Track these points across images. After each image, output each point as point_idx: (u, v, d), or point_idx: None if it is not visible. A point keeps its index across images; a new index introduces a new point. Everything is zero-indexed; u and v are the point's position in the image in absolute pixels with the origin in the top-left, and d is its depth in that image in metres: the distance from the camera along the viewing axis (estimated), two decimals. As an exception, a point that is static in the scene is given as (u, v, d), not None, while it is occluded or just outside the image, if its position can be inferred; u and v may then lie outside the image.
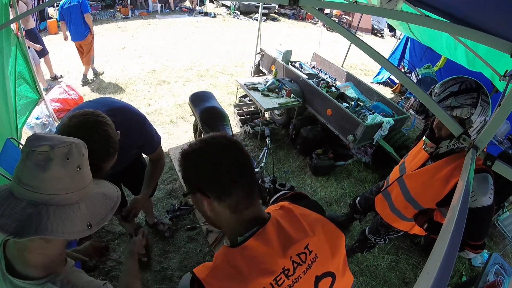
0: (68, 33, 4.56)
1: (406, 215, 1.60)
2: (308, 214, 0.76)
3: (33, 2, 6.76)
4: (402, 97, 5.78)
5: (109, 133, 0.96)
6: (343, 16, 11.81)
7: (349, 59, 7.03)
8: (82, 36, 4.46)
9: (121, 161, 1.52)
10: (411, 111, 1.67)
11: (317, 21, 11.78)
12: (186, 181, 0.73)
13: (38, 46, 4.10)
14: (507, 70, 1.55)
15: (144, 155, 2.00)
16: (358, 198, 2.27)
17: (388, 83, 6.50)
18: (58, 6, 5.84)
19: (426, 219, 1.47)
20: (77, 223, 0.68)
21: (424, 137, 1.46)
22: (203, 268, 0.67)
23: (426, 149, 1.45)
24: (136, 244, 1.15)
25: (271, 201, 0.92)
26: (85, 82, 4.84)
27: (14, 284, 0.68)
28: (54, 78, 4.72)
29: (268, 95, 3.60)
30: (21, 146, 2.32)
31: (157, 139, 1.48)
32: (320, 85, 3.92)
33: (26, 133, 3.08)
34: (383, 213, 1.79)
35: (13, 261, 0.70)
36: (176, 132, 3.80)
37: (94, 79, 4.97)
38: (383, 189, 1.81)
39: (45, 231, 0.62)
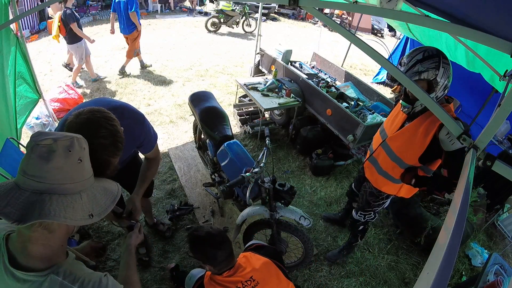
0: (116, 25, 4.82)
1: (393, 175, 1.75)
2: (259, 258, 1.40)
3: (33, 2, 6.76)
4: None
5: (117, 128, 0.98)
6: (346, 16, 11.77)
7: (349, 59, 7.03)
8: (126, 30, 4.69)
9: (121, 160, 1.52)
10: (387, 81, 1.88)
11: (317, 21, 11.78)
12: (194, 256, 1.37)
13: (92, 40, 4.40)
14: (507, 70, 1.55)
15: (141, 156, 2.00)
16: (353, 184, 2.39)
17: (388, 83, 6.49)
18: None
19: (412, 175, 1.63)
20: (79, 211, 0.71)
21: (400, 101, 1.69)
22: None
23: (404, 110, 1.68)
24: (133, 238, 1.16)
25: (245, 247, 1.63)
26: (121, 73, 5.05)
27: (16, 276, 0.69)
28: (67, 66, 4.91)
29: (268, 95, 3.60)
30: (21, 146, 2.32)
31: (154, 137, 1.49)
32: (320, 85, 3.91)
33: (25, 133, 3.08)
34: (372, 178, 1.92)
35: (16, 253, 0.72)
36: (176, 132, 3.80)
37: (143, 69, 5.40)
38: (368, 156, 1.94)
39: (48, 215, 0.64)
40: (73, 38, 4.20)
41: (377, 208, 2.03)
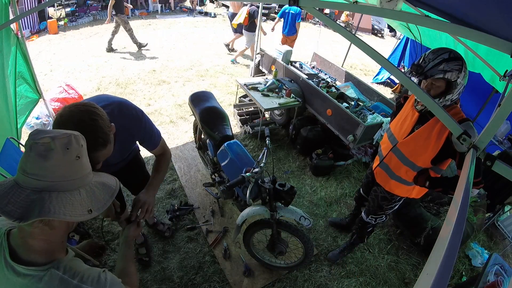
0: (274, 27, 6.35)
1: (407, 179, 1.76)
2: None
3: (33, 2, 6.77)
4: (402, 97, 5.78)
5: (98, 122, 0.96)
6: (352, 22, 11.70)
7: (349, 59, 7.03)
8: (290, 33, 5.98)
9: (121, 155, 1.51)
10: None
11: (317, 21, 11.78)
12: None
13: (265, 32, 6.04)
14: (507, 70, 1.56)
15: (143, 155, 1.99)
16: (361, 188, 2.36)
17: (388, 83, 6.50)
18: (58, 6, 5.93)
19: (425, 178, 1.63)
20: (78, 207, 0.72)
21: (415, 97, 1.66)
22: None
23: (417, 107, 1.66)
24: (132, 229, 1.16)
25: None
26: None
27: (17, 271, 0.70)
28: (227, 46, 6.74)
29: (268, 95, 3.60)
30: (21, 146, 2.32)
31: (157, 133, 1.48)
32: (320, 85, 3.92)
33: (26, 133, 3.08)
34: (384, 183, 1.92)
35: (17, 248, 0.73)
36: (176, 132, 3.80)
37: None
38: (379, 162, 1.92)
39: (47, 213, 0.66)
40: (252, 28, 5.86)
41: (389, 210, 2.03)
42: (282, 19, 5.93)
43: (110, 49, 6.06)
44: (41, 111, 3.40)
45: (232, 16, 6.29)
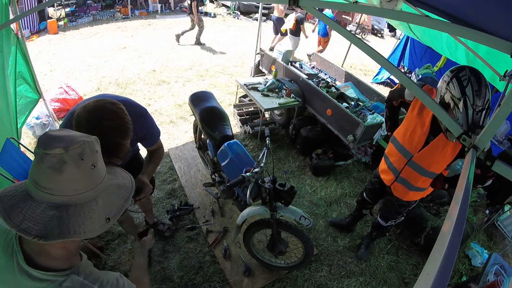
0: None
1: (424, 187, 1.81)
2: None
3: (33, 1, 6.77)
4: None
5: (124, 111, 1.01)
6: (368, 26, 11.71)
7: (349, 59, 7.03)
8: (323, 35, 6.76)
9: None
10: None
11: (317, 21, 11.78)
12: None
13: (306, 35, 6.55)
14: (507, 70, 1.55)
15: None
16: (364, 193, 2.35)
17: (388, 83, 6.49)
18: (58, 6, 5.89)
19: (442, 180, 1.69)
20: (96, 220, 0.70)
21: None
22: None
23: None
24: (147, 242, 1.22)
25: None
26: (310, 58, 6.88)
27: (33, 276, 0.68)
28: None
29: (268, 95, 3.60)
30: (21, 146, 2.32)
31: (157, 132, 1.50)
32: (320, 85, 3.92)
33: (25, 133, 3.08)
34: (403, 196, 1.93)
35: (33, 253, 0.70)
36: (176, 132, 3.80)
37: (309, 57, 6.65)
38: (395, 178, 1.90)
39: (68, 234, 0.64)
40: (297, 33, 6.37)
41: (407, 212, 2.06)
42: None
43: (198, 43, 7.21)
44: (41, 111, 3.40)
45: (277, 20, 6.77)
